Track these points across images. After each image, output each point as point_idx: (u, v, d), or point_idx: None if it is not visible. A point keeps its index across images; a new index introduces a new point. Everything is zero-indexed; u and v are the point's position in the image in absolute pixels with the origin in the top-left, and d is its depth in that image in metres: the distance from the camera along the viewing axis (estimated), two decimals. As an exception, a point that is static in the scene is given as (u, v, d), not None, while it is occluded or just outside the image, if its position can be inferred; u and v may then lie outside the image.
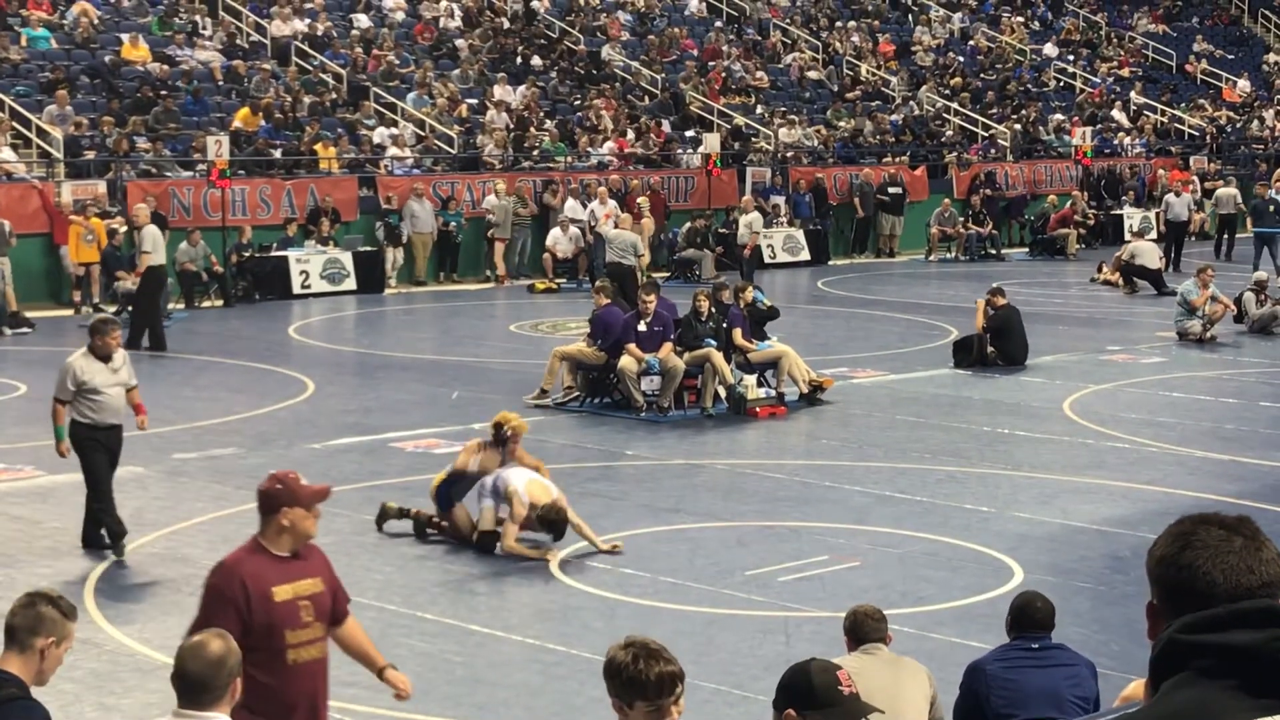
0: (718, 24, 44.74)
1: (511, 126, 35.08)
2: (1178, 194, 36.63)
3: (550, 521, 12.75)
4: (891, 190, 37.28)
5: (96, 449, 12.77)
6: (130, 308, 24.86)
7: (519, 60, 38.65)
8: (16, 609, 5.73)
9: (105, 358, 12.75)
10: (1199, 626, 2.62)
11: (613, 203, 32.32)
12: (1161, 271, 31.24)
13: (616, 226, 28.59)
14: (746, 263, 32.11)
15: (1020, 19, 51.80)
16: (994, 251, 37.33)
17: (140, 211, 24.35)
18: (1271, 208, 33.20)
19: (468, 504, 13.30)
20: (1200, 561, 2.68)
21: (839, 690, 4.74)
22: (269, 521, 6.76)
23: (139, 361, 22.92)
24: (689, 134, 37.67)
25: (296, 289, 28.90)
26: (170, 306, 25.95)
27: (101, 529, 12.91)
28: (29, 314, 25.48)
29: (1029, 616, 7.75)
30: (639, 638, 5.00)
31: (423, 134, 34.16)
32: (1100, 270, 32.56)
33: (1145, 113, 47.49)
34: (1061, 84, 48.99)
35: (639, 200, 32.62)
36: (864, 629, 7.61)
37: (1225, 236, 37.55)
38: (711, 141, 36.07)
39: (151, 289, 23.25)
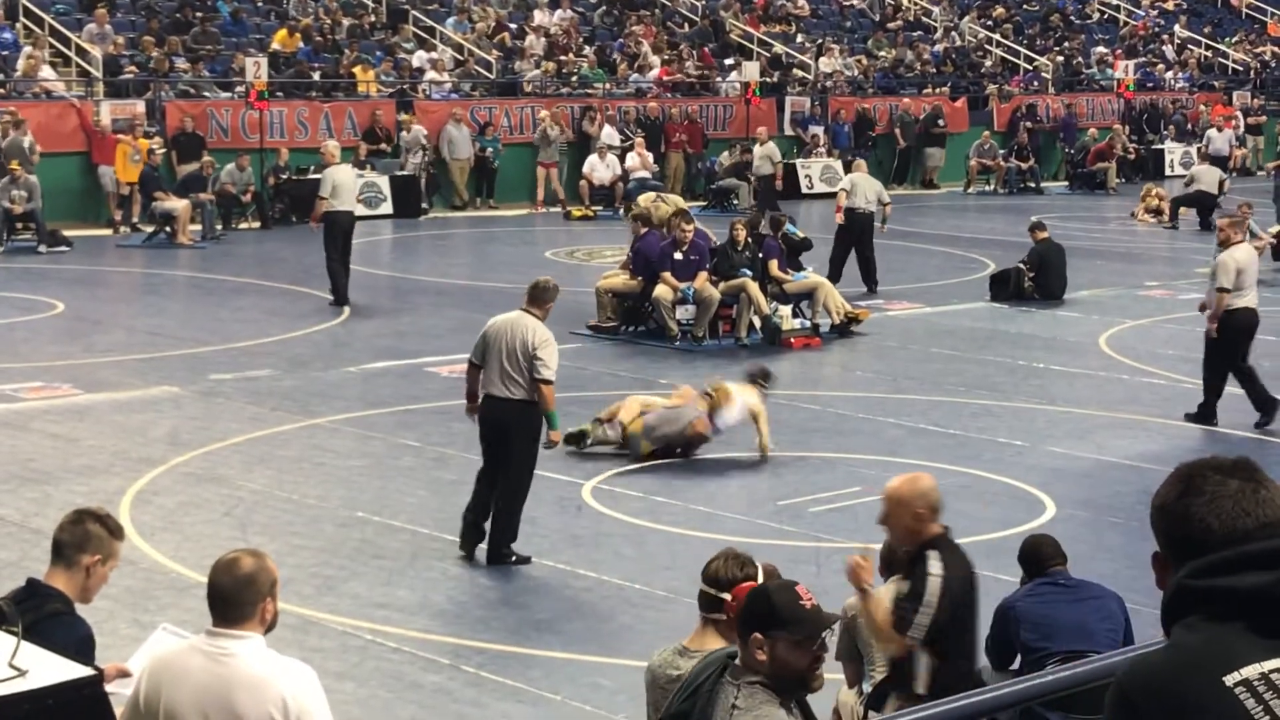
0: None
1: (554, 51, 34.88)
2: (1220, 129, 36.31)
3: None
4: (936, 123, 37.04)
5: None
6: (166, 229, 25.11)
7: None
8: (65, 525, 5.73)
9: None
10: (1207, 571, 2.62)
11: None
12: (1218, 199, 30.47)
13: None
14: (765, 195, 31.33)
15: (1065, -50, 51.26)
16: (1033, 185, 37.07)
17: (330, 150, 21.20)
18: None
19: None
20: (1196, 507, 2.69)
21: (800, 605, 4.72)
22: None
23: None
24: (728, 62, 37.43)
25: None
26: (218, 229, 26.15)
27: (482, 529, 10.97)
28: (67, 233, 25.55)
29: (1040, 551, 7.84)
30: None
31: (461, 59, 34.04)
32: (1140, 207, 32.08)
33: (1189, 46, 47.01)
34: (1105, 16, 48.50)
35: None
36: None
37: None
38: (750, 70, 35.82)
39: (331, 235, 20.30)
